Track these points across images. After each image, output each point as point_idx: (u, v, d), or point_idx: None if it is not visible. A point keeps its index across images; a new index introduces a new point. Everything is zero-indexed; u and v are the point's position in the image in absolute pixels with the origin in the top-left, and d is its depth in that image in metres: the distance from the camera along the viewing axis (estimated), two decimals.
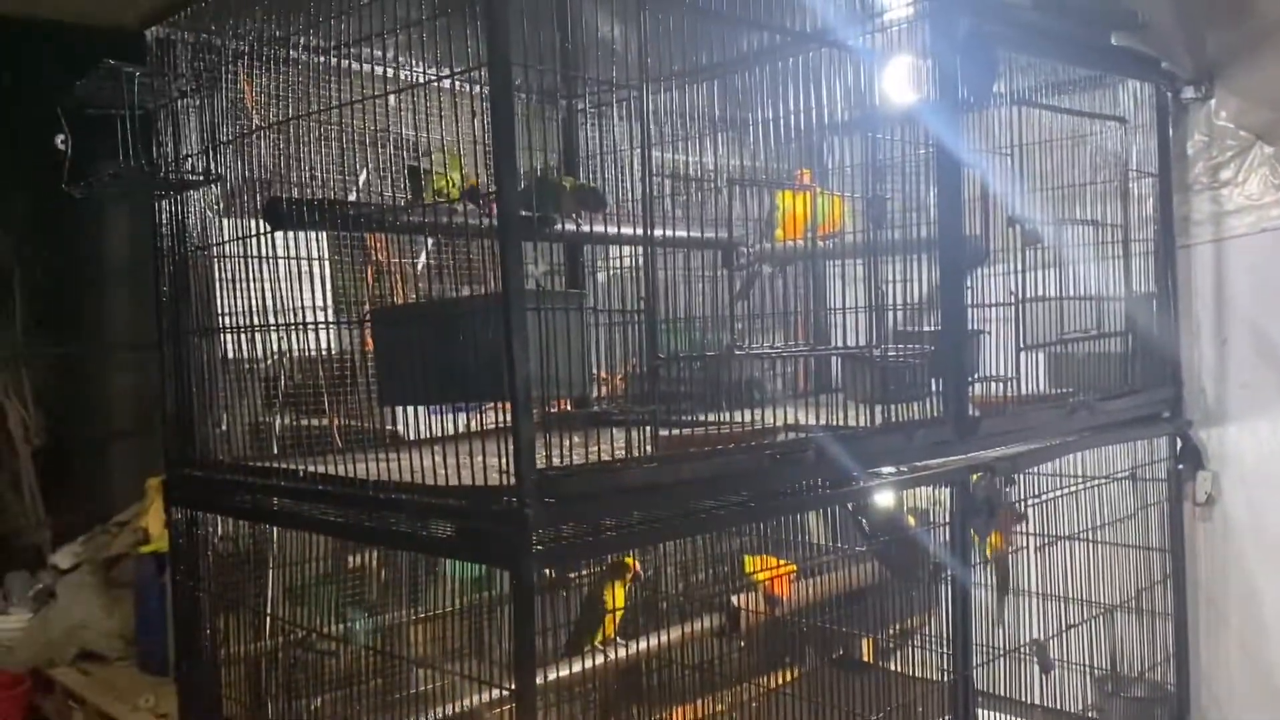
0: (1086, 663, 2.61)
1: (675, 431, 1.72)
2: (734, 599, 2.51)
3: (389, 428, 2.23)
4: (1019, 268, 2.35)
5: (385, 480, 1.63)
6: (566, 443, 1.47)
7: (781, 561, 2.53)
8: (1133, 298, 2.58)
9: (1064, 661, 2.57)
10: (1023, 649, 2.34)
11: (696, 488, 1.61)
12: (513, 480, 1.41)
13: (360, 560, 2.73)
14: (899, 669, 2.96)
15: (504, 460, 1.43)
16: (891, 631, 2.99)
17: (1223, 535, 2.69)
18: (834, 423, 1.90)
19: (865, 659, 3.29)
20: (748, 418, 1.83)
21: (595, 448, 1.73)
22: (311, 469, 1.77)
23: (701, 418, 1.87)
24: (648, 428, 1.56)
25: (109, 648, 5.65)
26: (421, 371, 1.50)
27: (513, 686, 1.50)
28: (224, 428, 2.14)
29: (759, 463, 1.69)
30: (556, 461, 1.43)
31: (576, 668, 2.20)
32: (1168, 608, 2.70)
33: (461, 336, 1.42)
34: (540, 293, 1.45)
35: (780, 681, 2.66)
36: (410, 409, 2.07)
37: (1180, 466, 2.70)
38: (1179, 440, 2.69)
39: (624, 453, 1.53)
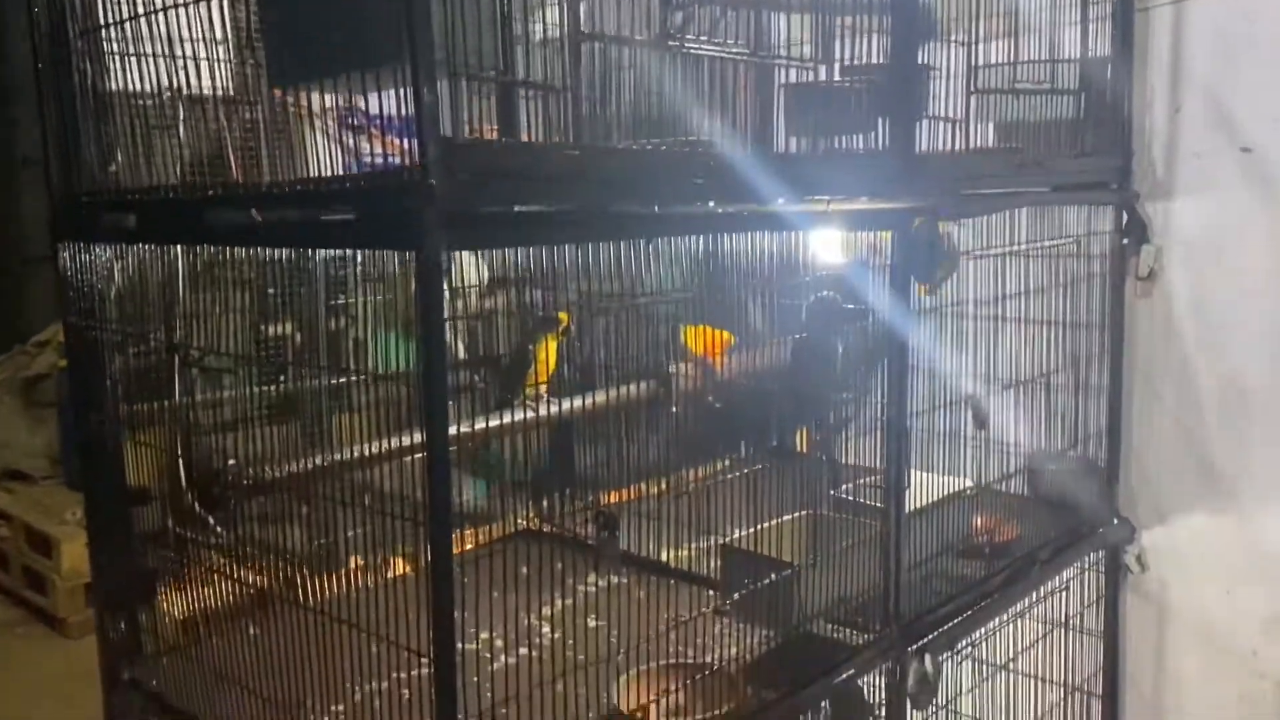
0: (1017, 438, 2.59)
1: None
2: (668, 365, 2.44)
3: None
4: (972, 39, 2.24)
5: (283, 179, 1.51)
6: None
7: (718, 331, 2.47)
8: (1088, 60, 2.48)
9: (993, 440, 2.55)
10: (959, 402, 2.30)
11: (620, 189, 1.49)
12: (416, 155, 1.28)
13: (279, 330, 2.62)
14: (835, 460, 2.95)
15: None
16: (828, 422, 2.96)
17: (1163, 311, 2.66)
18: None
19: (799, 450, 3.29)
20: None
21: None
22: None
23: None
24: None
25: (34, 467, 5.55)
26: (313, 38, 1.35)
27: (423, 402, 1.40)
28: (113, 169, 1.97)
29: (689, 171, 1.57)
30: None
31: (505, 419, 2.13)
32: (1102, 383, 2.68)
33: None
34: None
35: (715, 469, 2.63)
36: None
37: (1125, 241, 2.65)
38: (1124, 213, 2.63)
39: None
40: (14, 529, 5.01)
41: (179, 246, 1.77)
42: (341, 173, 1.45)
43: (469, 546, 2.61)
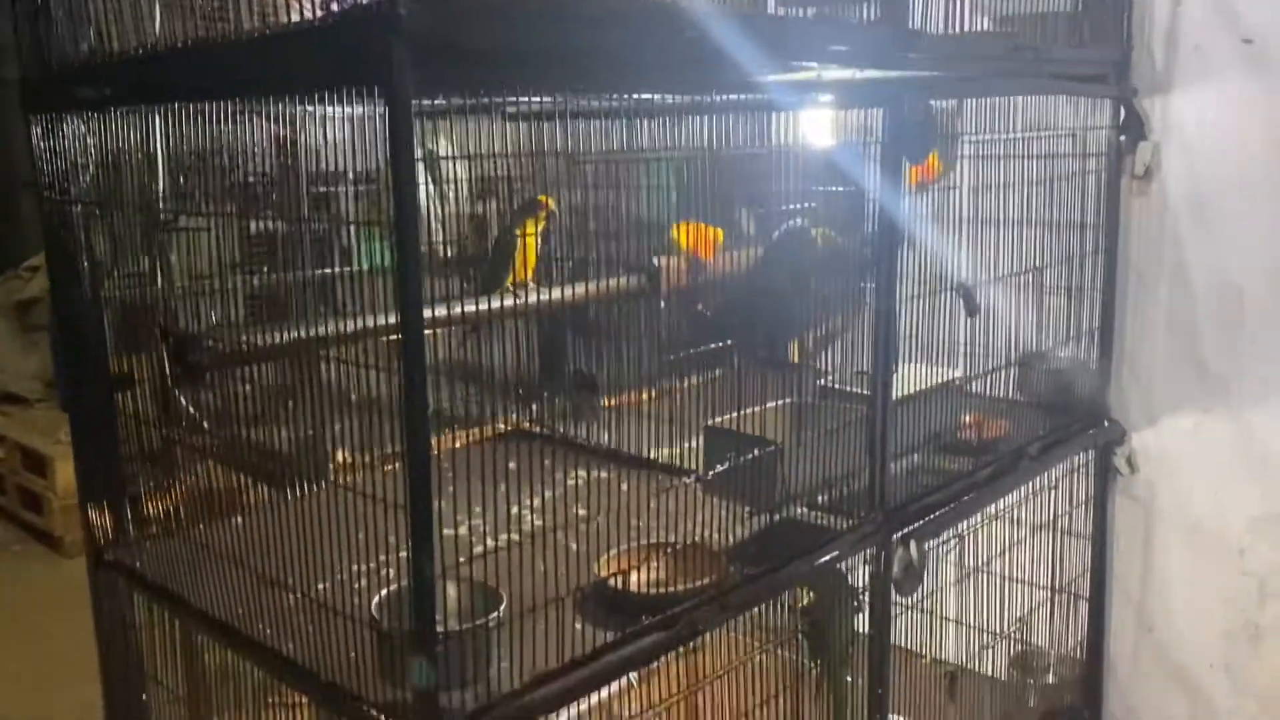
0: (1008, 334, 2.56)
1: None
2: (655, 259, 2.41)
3: None
4: None
5: (252, 28, 1.47)
6: None
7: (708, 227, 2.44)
8: None
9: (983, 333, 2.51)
10: (949, 290, 2.27)
11: (606, 31, 1.45)
12: None
13: (262, 228, 2.58)
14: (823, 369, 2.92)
15: None
16: (817, 334, 2.93)
17: (1159, 208, 2.62)
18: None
19: (791, 360, 3.27)
20: None
21: None
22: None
23: None
24: None
25: (28, 390, 5.55)
26: None
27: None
28: (85, 46, 1.93)
29: (679, 21, 1.53)
30: None
31: (486, 306, 2.10)
32: (1096, 282, 2.65)
33: None
34: None
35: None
36: None
37: (1122, 137, 2.61)
38: (1122, 108, 2.58)
39: None
40: (9, 450, 5.03)
41: (155, 113, 1.73)
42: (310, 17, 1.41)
43: (458, 445, 2.61)
